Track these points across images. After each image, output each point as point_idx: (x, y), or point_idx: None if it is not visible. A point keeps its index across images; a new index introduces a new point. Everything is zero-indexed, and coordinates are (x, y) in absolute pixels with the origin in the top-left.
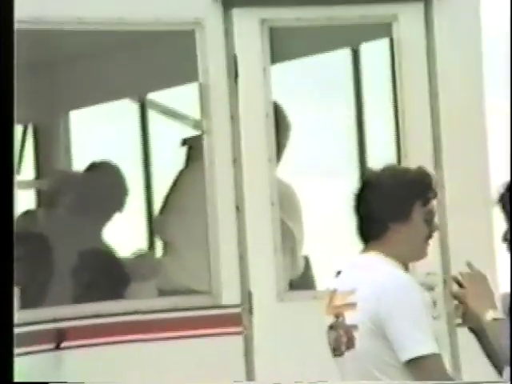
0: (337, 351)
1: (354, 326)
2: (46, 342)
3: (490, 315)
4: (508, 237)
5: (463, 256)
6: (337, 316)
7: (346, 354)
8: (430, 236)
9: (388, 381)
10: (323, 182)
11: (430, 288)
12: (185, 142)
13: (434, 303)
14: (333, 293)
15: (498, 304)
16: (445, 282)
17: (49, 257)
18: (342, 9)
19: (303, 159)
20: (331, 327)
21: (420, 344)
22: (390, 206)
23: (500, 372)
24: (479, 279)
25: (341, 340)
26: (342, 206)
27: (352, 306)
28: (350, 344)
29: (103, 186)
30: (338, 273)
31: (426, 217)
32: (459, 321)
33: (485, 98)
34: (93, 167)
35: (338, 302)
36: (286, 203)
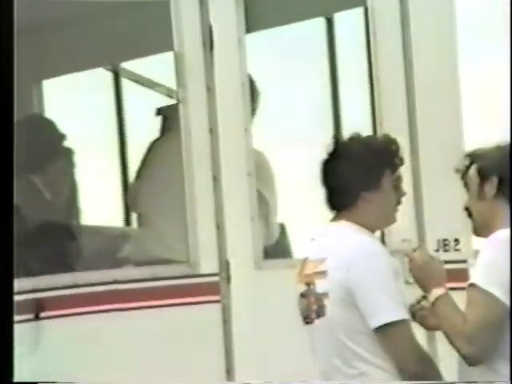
0: (307, 319)
1: (325, 294)
2: (25, 312)
3: (433, 295)
4: (468, 205)
5: (437, 222)
6: (308, 284)
7: (317, 321)
8: (398, 202)
9: (358, 348)
10: (297, 151)
11: (406, 254)
12: (159, 111)
13: (410, 269)
14: (304, 261)
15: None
16: (420, 248)
17: (23, 225)
18: None
19: (277, 128)
20: (302, 295)
21: (389, 311)
22: (361, 174)
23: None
24: (426, 258)
25: (311, 308)
26: (316, 174)
27: (322, 274)
28: (321, 312)
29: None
30: (310, 241)
31: (394, 184)
32: None
33: (458, 65)
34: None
35: (308, 270)
36: (258, 171)
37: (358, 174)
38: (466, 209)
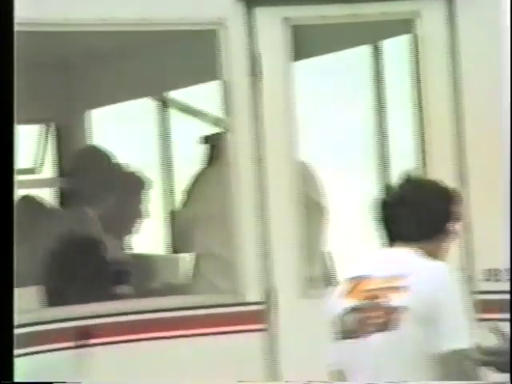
0: (353, 333)
1: (403, 308)
2: (69, 339)
3: None
4: None
5: (487, 251)
6: (370, 298)
7: (376, 336)
8: None
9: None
10: (343, 178)
11: None
12: (206, 139)
13: None
14: (359, 278)
15: None
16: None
17: (70, 254)
18: (364, 6)
19: (324, 155)
20: (354, 309)
21: (468, 336)
22: (445, 207)
23: None
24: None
25: (367, 322)
26: (364, 203)
27: (401, 288)
28: (390, 326)
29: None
30: (366, 260)
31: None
32: None
33: (508, 92)
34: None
35: (373, 285)
36: (311, 180)
37: (442, 207)
38: None
